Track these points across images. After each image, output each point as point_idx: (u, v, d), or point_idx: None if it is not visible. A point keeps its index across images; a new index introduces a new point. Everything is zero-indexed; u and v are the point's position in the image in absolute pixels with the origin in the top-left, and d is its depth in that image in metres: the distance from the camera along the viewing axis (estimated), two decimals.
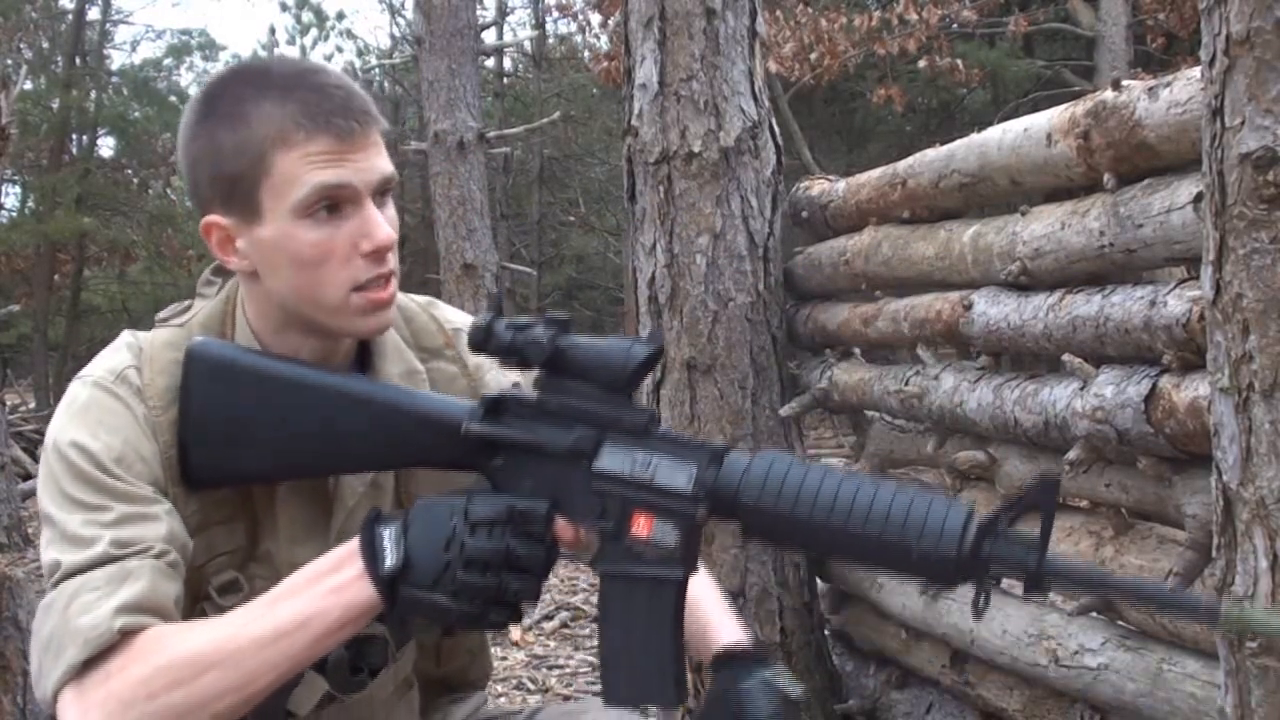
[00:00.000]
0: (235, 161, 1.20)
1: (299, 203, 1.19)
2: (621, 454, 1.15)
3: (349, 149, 1.20)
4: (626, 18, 3.05)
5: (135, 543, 1.15)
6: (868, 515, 1.08)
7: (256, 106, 1.20)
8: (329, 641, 1.13)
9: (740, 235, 2.97)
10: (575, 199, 16.29)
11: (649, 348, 1.16)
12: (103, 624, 1.11)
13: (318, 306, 1.23)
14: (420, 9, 7.94)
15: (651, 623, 1.14)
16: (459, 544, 1.10)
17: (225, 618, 1.14)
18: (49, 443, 1.21)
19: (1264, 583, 1.28)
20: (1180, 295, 1.78)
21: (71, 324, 17.86)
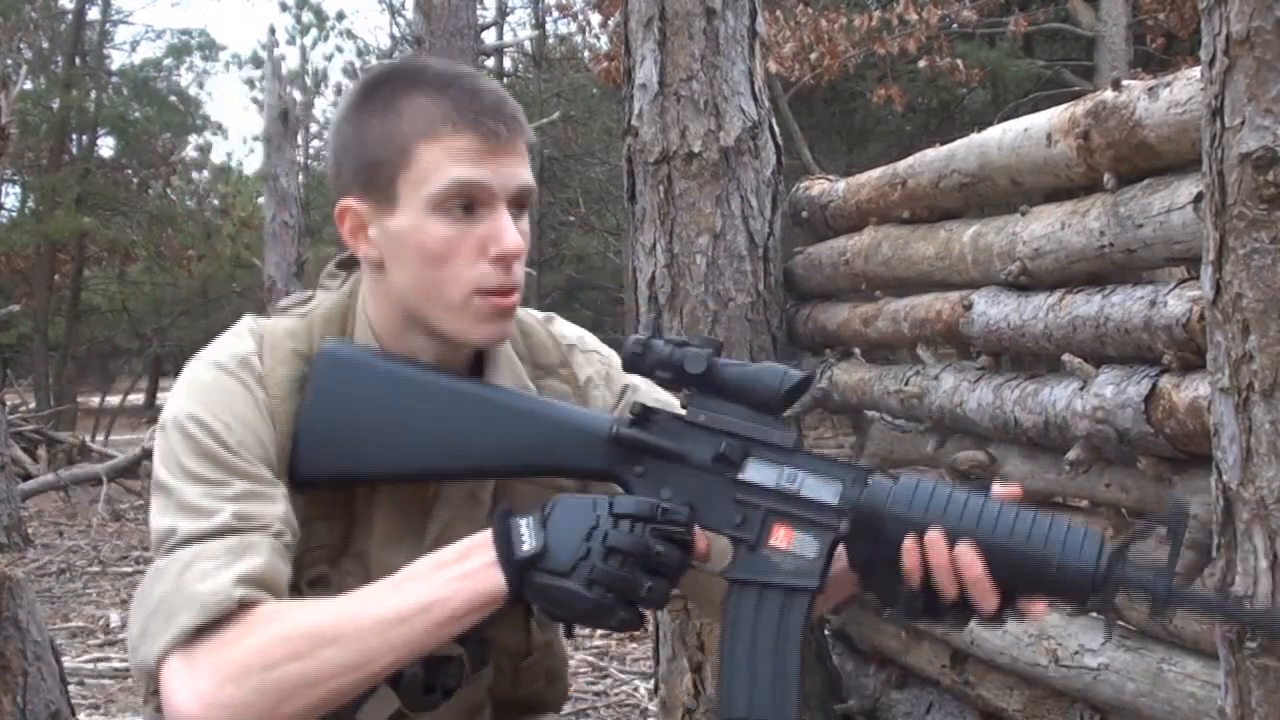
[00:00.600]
0: (380, 149, 1.21)
1: (435, 195, 1.19)
2: (767, 467, 1.17)
3: (493, 151, 1.20)
4: (626, 18, 3.05)
5: (255, 518, 1.15)
6: (1013, 528, 1.11)
7: (409, 99, 1.21)
8: (451, 628, 1.12)
9: (740, 235, 2.97)
10: (575, 199, 16.29)
11: (802, 373, 1.20)
12: (222, 591, 1.10)
13: (438, 305, 1.22)
14: (420, 9, 7.94)
15: (780, 634, 1.15)
16: (601, 534, 1.11)
17: (347, 596, 1.14)
18: (167, 418, 1.21)
19: (1264, 583, 1.28)
20: (1180, 295, 1.78)
21: (71, 324, 17.87)
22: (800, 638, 1.15)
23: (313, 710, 1.11)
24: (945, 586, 1.11)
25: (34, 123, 16.45)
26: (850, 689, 3.04)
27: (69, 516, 8.06)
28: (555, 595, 1.11)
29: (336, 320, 1.30)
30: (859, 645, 3.09)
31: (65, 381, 17.42)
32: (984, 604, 1.11)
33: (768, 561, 1.16)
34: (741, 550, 1.17)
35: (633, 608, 1.12)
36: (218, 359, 1.24)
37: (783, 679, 1.15)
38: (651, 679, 3.36)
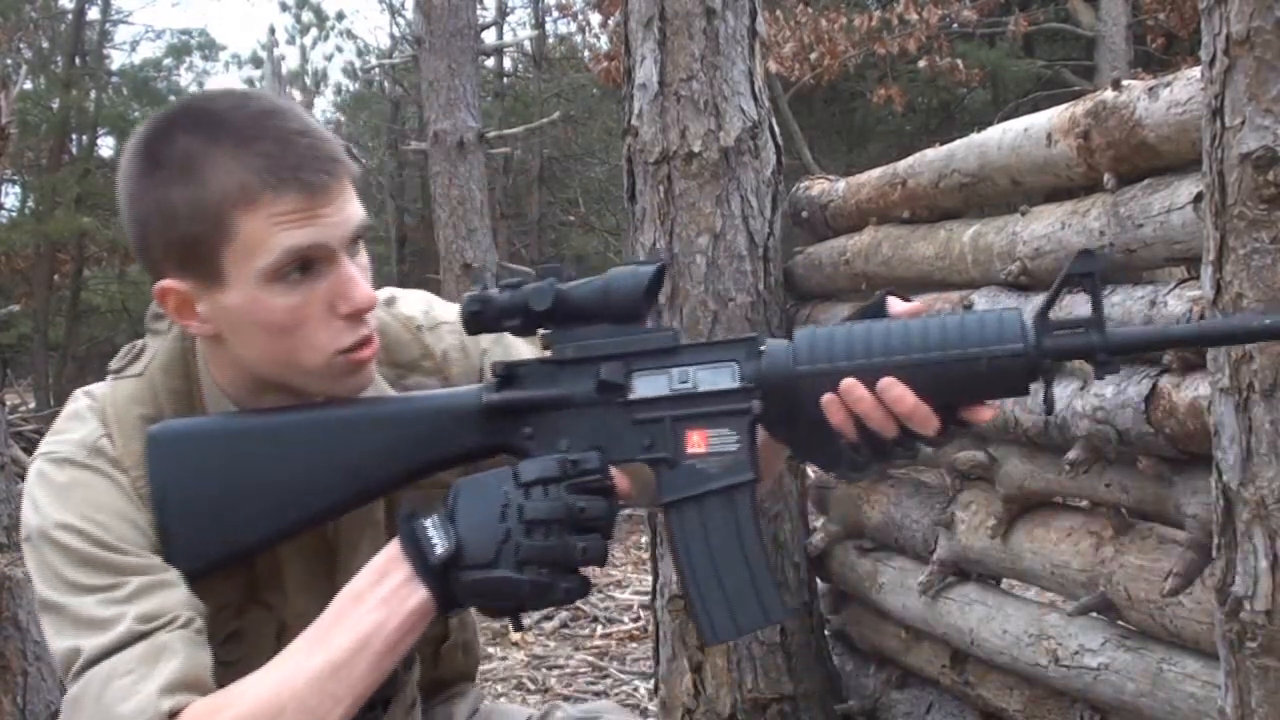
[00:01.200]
0: (191, 224, 1.08)
1: (268, 268, 1.08)
2: (655, 377, 1.09)
3: (320, 204, 1.09)
4: (626, 18, 3.05)
5: (160, 614, 1.06)
6: (926, 341, 1.03)
7: (210, 161, 1.08)
8: (391, 658, 1.05)
9: (740, 235, 2.97)
10: (575, 199, 16.27)
11: (653, 265, 1.11)
12: (149, 708, 1.02)
13: (295, 371, 1.14)
14: (420, 9, 7.93)
15: (735, 537, 1.08)
16: (516, 509, 1.03)
17: (274, 664, 1.06)
18: (32, 530, 1.10)
19: (1264, 583, 1.28)
20: (1180, 295, 1.78)
21: (71, 324, 17.85)
22: (756, 531, 1.09)
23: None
24: (883, 428, 1.04)
25: (34, 123, 16.44)
26: (850, 689, 3.04)
27: None
28: (488, 589, 1.03)
29: (177, 370, 1.19)
30: (859, 645, 3.08)
31: (65, 381, 17.40)
32: (926, 429, 1.04)
33: (693, 471, 1.08)
34: (663, 470, 1.09)
35: (574, 575, 1.04)
36: (66, 454, 1.13)
37: (756, 580, 1.09)
38: (651, 679, 3.36)
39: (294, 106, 1.18)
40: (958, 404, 1.05)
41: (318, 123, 1.16)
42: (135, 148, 1.14)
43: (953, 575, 2.54)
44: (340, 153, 1.13)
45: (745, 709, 2.92)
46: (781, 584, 2.97)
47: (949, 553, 2.51)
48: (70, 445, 1.14)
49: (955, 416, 1.06)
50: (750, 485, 1.09)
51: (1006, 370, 1.03)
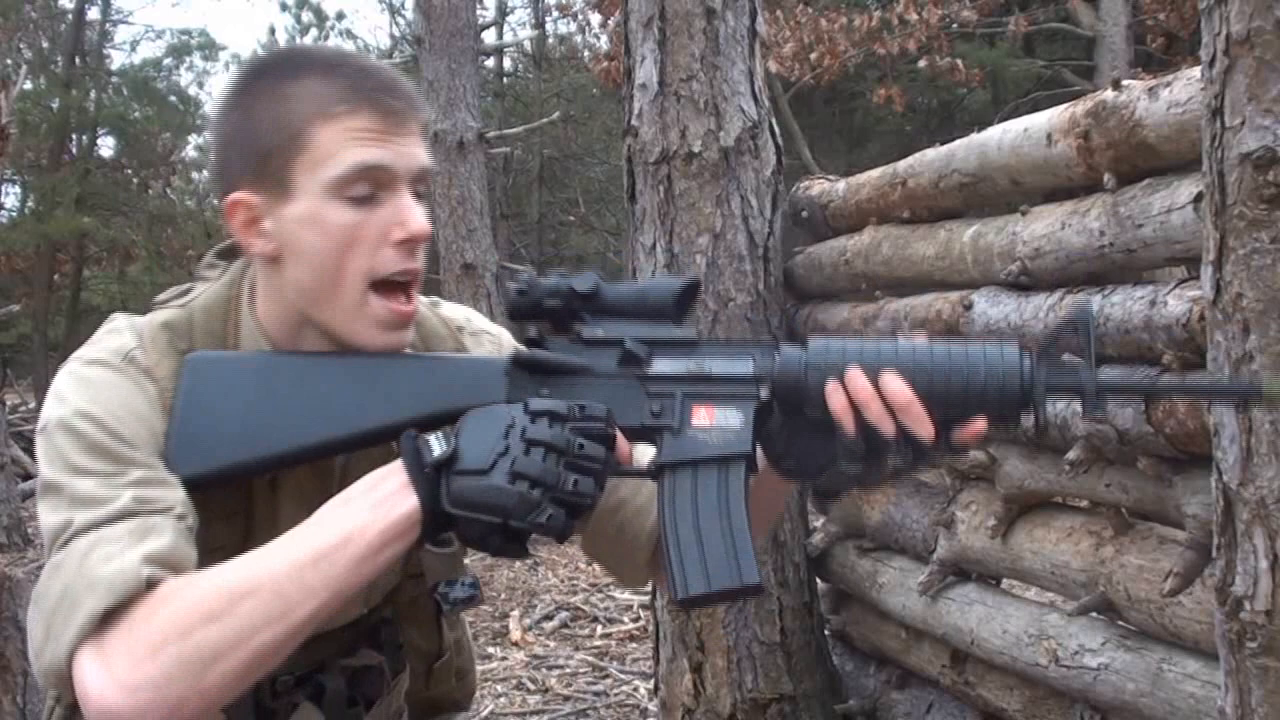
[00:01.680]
0: (272, 136, 1.14)
1: (335, 180, 1.13)
2: (674, 360, 1.14)
3: (393, 129, 1.14)
4: (626, 18, 3.05)
5: (157, 501, 1.08)
6: (932, 354, 1.09)
7: (298, 82, 1.14)
8: (371, 562, 1.05)
9: (740, 235, 2.97)
10: (575, 199, 16.27)
11: (688, 278, 1.17)
12: (129, 570, 1.02)
13: (332, 301, 1.16)
14: (420, 9, 7.93)
15: (723, 505, 1.10)
16: (520, 430, 1.06)
17: (258, 550, 1.06)
18: (50, 419, 1.12)
19: (1264, 583, 1.28)
20: (1180, 295, 1.78)
21: (71, 324, 17.85)
22: (744, 505, 1.11)
23: (240, 675, 1.03)
24: (879, 420, 1.07)
25: (34, 123, 16.44)
26: (850, 689, 3.04)
27: None
28: (476, 496, 1.04)
29: (218, 312, 1.22)
30: (859, 645, 3.09)
31: None
32: (921, 430, 1.07)
33: (694, 440, 1.12)
34: (666, 437, 1.12)
35: (561, 506, 1.05)
36: (99, 356, 1.16)
37: (736, 545, 1.10)
38: (651, 679, 3.36)
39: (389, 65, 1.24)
40: (952, 415, 1.09)
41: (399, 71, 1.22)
42: (232, 78, 1.21)
43: (953, 575, 2.54)
44: (416, 94, 1.18)
45: (745, 709, 2.92)
46: (781, 584, 2.97)
47: (949, 553, 2.51)
48: (105, 351, 1.17)
49: (949, 429, 1.10)
50: (745, 460, 1.12)
51: (1001, 392, 1.08)
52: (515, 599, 5.16)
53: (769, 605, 2.95)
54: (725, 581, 1.10)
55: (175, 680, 1.00)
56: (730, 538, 1.10)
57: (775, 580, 2.97)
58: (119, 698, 1.00)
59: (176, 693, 1.00)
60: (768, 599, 2.95)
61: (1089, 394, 1.07)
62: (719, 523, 1.10)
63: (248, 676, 1.04)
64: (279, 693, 1.23)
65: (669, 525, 1.11)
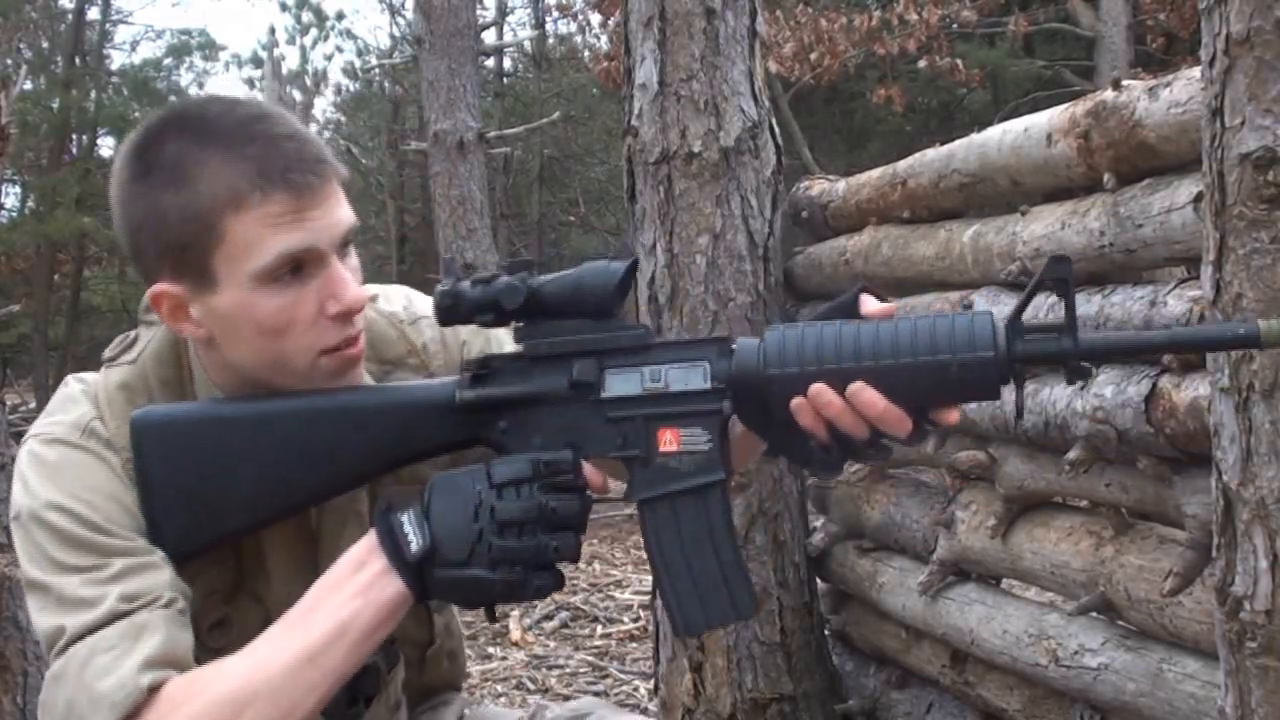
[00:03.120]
0: (183, 228, 1.10)
1: (260, 271, 1.09)
2: (627, 375, 1.11)
3: (309, 206, 1.10)
4: (626, 18, 3.05)
5: (143, 594, 1.08)
6: (897, 345, 1.03)
7: (200, 165, 1.09)
8: (367, 646, 1.07)
9: (740, 235, 2.97)
10: (575, 199, 16.27)
11: (625, 262, 1.13)
12: (129, 683, 1.03)
13: (284, 372, 1.15)
14: (420, 9, 7.94)
15: (708, 534, 1.09)
16: (488, 510, 1.05)
17: (252, 647, 1.08)
18: (23, 511, 1.11)
19: (1264, 583, 1.28)
20: (1180, 295, 1.78)
21: (71, 324, 17.84)
22: (728, 528, 1.10)
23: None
24: (853, 431, 1.04)
25: (34, 123, 16.43)
26: (850, 689, 3.04)
27: None
28: (461, 586, 1.06)
29: (169, 359, 1.20)
30: (859, 645, 3.09)
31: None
32: (898, 432, 1.04)
33: (665, 469, 1.09)
34: (636, 469, 1.11)
35: (547, 571, 1.06)
36: (58, 435, 1.14)
37: (728, 575, 1.10)
38: (651, 679, 3.36)
39: (281, 111, 1.19)
40: (929, 406, 1.06)
41: (304, 127, 1.16)
42: (125, 154, 1.15)
43: (952, 575, 2.54)
44: (327, 155, 1.14)
45: (745, 709, 2.92)
46: (781, 584, 2.97)
47: (949, 553, 2.51)
48: (63, 427, 1.15)
49: (926, 418, 1.07)
50: (721, 484, 1.10)
51: (977, 375, 1.02)
52: None
53: (769, 605, 2.95)
54: (720, 616, 1.11)
55: None
56: (720, 570, 1.10)
57: (775, 580, 2.96)
58: None
59: None
60: (768, 599, 2.95)
61: (1071, 360, 1.02)
62: (707, 553, 1.10)
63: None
64: None
65: (659, 561, 1.11)
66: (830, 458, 1.08)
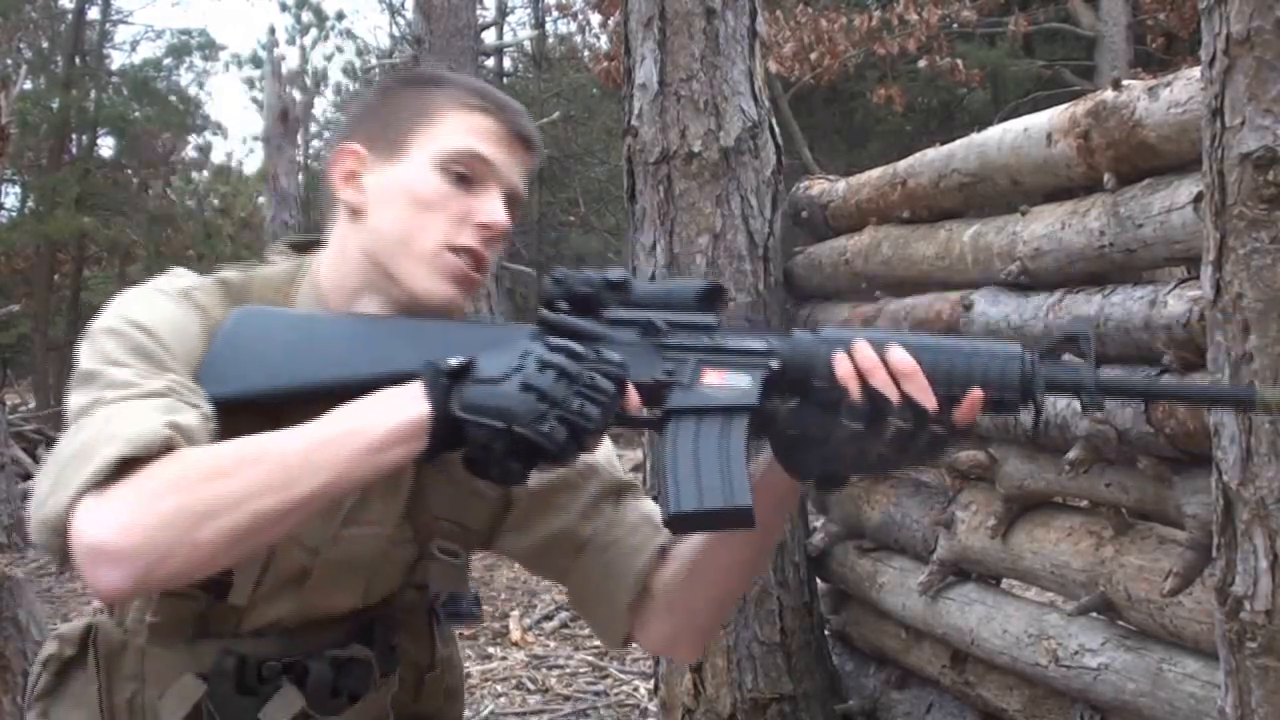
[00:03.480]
0: (405, 109, 1.27)
1: (445, 153, 1.23)
2: (691, 336, 1.18)
3: (510, 143, 1.26)
4: (626, 18, 3.05)
5: (189, 394, 1.12)
6: (937, 343, 1.12)
7: (450, 85, 1.28)
8: (376, 458, 1.08)
9: (740, 235, 2.97)
10: (575, 199, 16.27)
11: (712, 282, 1.23)
12: (152, 428, 1.04)
13: (409, 252, 1.22)
14: (420, 9, 7.94)
15: (722, 446, 1.12)
16: (535, 357, 1.10)
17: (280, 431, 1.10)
18: (97, 326, 1.16)
19: (1264, 583, 1.28)
20: (1180, 295, 1.78)
21: (71, 324, 17.83)
22: (743, 450, 1.13)
23: (232, 537, 1.04)
24: (884, 387, 1.09)
25: (34, 123, 16.43)
26: (850, 689, 3.04)
27: None
28: (485, 400, 1.07)
29: (278, 285, 1.28)
30: (859, 645, 3.09)
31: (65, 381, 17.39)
32: (923, 398, 1.09)
33: (703, 393, 1.15)
34: (675, 390, 1.16)
35: (564, 425, 1.07)
36: (159, 285, 1.23)
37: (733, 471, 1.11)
38: (651, 679, 3.36)
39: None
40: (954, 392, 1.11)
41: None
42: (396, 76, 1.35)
43: (953, 575, 2.54)
44: (538, 143, 1.31)
45: (745, 709, 2.92)
46: (781, 584, 2.97)
47: (949, 553, 2.51)
48: (164, 283, 1.24)
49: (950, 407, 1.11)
50: (751, 412, 1.14)
51: (1003, 372, 1.10)
52: (515, 599, 5.17)
53: (769, 605, 2.95)
54: (716, 500, 1.11)
55: (169, 527, 1.02)
56: (727, 467, 1.12)
57: (775, 580, 2.96)
58: (110, 535, 1.01)
59: (167, 540, 1.02)
60: (768, 599, 2.95)
61: (1088, 390, 1.09)
62: (717, 456, 1.12)
63: (239, 541, 1.05)
64: (265, 678, 1.24)
65: (669, 461, 1.13)
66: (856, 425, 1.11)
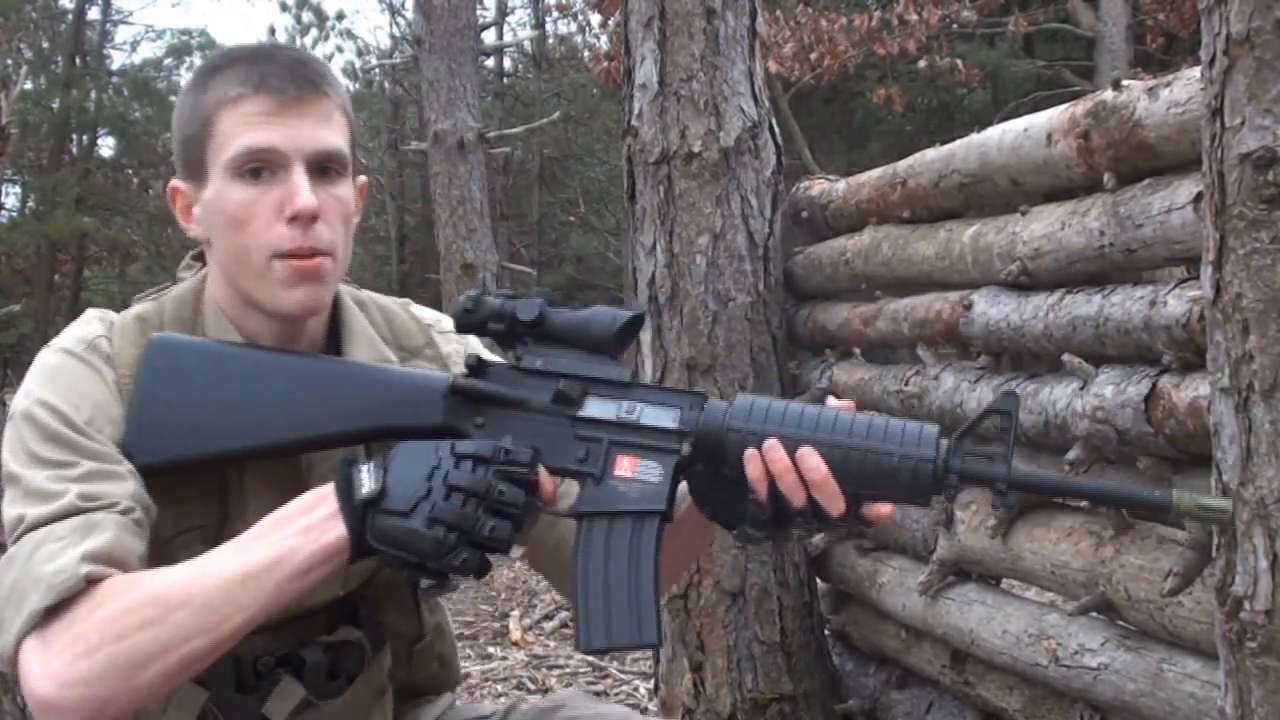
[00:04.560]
0: (190, 124, 1.24)
1: (229, 161, 1.20)
2: (606, 402, 1.18)
3: (285, 112, 1.20)
4: (626, 18, 3.05)
5: (101, 497, 1.14)
6: (851, 429, 1.13)
7: (219, 73, 1.23)
8: (298, 584, 1.11)
9: (740, 235, 2.97)
10: (575, 199, 16.27)
11: (632, 312, 1.21)
12: (69, 569, 1.09)
13: (246, 273, 1.22)
14: (420, 9, 7.94)
15: (633, 559, 1.14)
16: (443, 473, 1.11)
17: (195, 560, 1.13)
18: (16, 409, 1.20)
19: (1264, 583, 1.28)
20: (1180, 295, 1.78)
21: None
22: (655, 562, 1.14)
23: (170, 678, 1.09)
24: (791, 492, 1.11)
25: (34, 123, 16.44)
26: (850, 689, 3.04)
27: None
28: (396, 536, 1.10)
29: (188, 302, 1.30)
30: (859, 645, 3.08)
31: None
32: (831, 507, 1.11)
33: (614, 491, 1.16)
34: (588, 485, 1.17)
35: (476, 549, 1.10)
36: (64, 345, 1.24)
37: (640, 600, 1.14)
38: (651, 679, 3.36)
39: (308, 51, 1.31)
40: (863, 495, 1.13)
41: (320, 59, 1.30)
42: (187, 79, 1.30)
43: (952, 575, 2.54)
44: (326, 80, 1.24)
45: (745, 709, 2.92)
46: (781, 584, 2.97)
47: (949, 553, 2.51)
48: (70, 339, 1.25)
49: (859, 508, 1.14)
50: (660, 517, 1.16)
51: (914, 474, 1.11)
52: (515, 599, 5.17)
53: (769, 605, 2.95)
54: (624, 636, 1.14)
55: (107, 678, 1.07)
56: (636, 593, 1.14)
57: (775, 580, 2.97)
58: (54, 691, 1.07)
59: (108, 690, 1.07)
60: (768, 599, 2.95)
61: (999, 488, 1.11)
62: (627, 577, 1.14)
63: (177, 679, 1.10)
64: (261, 674, 1.27)
65: (580, 574, 1.16)
66: (761, 517, 1.15)
